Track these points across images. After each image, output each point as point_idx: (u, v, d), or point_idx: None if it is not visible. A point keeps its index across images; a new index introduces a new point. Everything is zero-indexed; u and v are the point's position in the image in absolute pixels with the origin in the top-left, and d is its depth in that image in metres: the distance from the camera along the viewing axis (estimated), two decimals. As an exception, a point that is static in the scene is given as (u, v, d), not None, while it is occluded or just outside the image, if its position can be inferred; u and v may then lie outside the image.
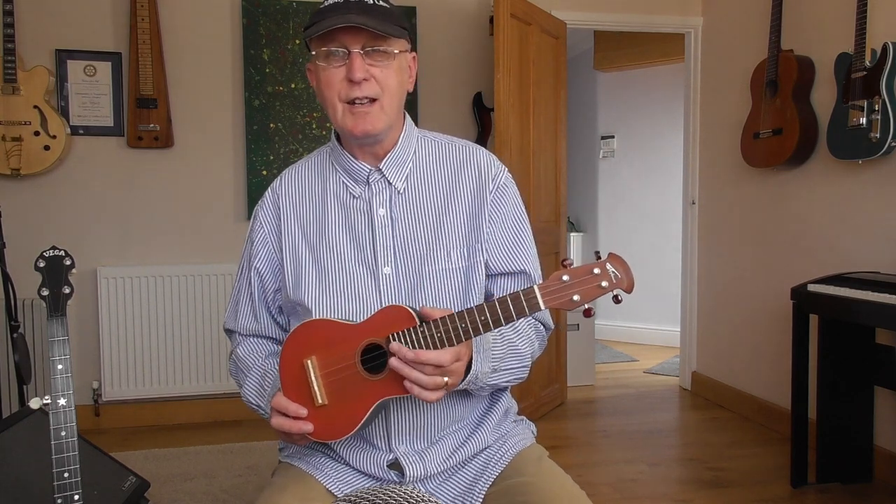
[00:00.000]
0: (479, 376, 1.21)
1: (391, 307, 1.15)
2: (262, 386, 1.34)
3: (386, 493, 1.17)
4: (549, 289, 1.06)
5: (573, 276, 1.04)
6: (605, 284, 1.03)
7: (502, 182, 1.36)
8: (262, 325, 1.42)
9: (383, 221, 1.31)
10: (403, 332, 1.11)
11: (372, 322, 1.15)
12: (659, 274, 5.52)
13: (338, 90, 1.26)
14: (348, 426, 1.17)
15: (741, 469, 3.07)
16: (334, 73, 1.25)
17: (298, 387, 1.19)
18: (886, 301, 2.38)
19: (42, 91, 3.40)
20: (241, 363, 1.41)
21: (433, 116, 3.89)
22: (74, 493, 1.43)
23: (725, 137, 3.96)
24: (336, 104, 1.27)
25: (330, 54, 1.25)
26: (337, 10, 1.23)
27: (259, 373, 1.35)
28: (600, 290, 1.04)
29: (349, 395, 1.16)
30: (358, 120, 1.26)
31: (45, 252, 1.42)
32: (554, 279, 1.05)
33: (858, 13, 2.84)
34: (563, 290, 1.04)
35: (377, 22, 1.22)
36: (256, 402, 1.34)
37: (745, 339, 3.85)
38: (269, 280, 1.39)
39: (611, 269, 1.03)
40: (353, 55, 1.23)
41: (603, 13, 4.15)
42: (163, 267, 3.65)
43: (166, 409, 3.70)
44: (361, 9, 1.23)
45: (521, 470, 1.29)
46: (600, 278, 1.03)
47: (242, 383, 1.38)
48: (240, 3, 3.72)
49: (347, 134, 1.29)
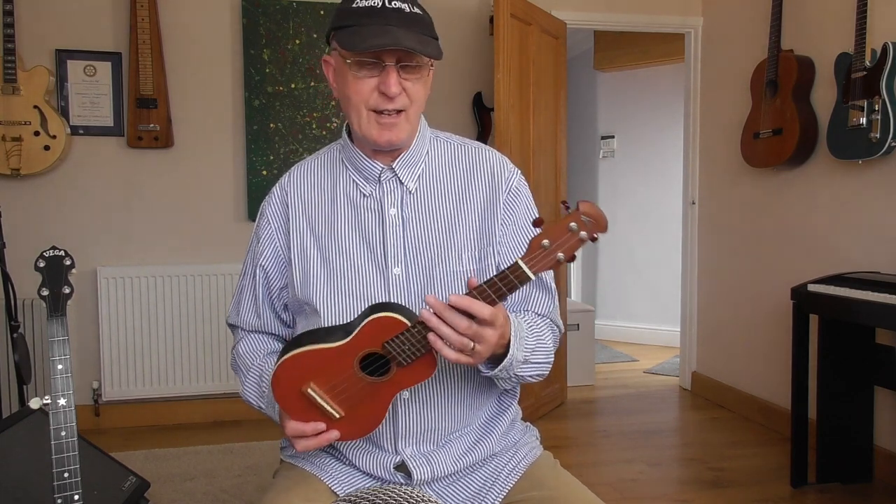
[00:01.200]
0: (513, 363, 1.20)
1: (374, 320, 1.13)
2: (260, 386, 1.33)
3: (386, 492, 1.17)
4: (532, 257, 1.06)
5: (552, 238, 1.06)
6: (584, 235, 1.05)
7: (514, 185, 1.35)
8: (263, 321, 1.41)
9: (394, 221, 1.30)
10: (399, 337, 1.11)
11: (359, 337, 1.14)
12: (659, 274, 5.52)
13: (366, 98, 1.24)
14: (373, 423, 1.19)
15: (741, 469, 3.07)
16: (366, 81, 1.23)
17: (307, 412, 1.19)
18: (886, 301, 2.38)
19: (42, 91, 3.40)
20: (241, 360, 1.40)
21: (433, 116, 3.85)
22: (74, 493, 1.43)
23: (725, 137, 3.96)
24: (362, 111, 1.25)
25: (363, 63, 1.22)
26: (374, 18, 1.19)
27: (257, 373, 1.35)
28: (580, 241, 1.05)
29: (364, 401, 1.17)
30: (384, 130, 1.25)
31: (45, 252, 1.42)
32: (535, 247, 1.06)
33: (858, 13, 2.84)
34: (546, 254, 1.06)
35: (420, 42, 1.19)
36: (257, 402, 1.34)
37: (745, 339, 3.85)
38: (274, 277, 1.37)
39: (585, 219, 1.05)
40: (389, 69, 1.21)
41: (603, 13, 4.15)
42: (163, 267, 3.65)
43: (166, 409, 3.70)
44: (401, 20, 1.19)
45: (539, 482, 1.29)
46: (577, 231, 1.05)
47: (242, 381, 1.38)
48: (240, 3, 3.72)
49: (370, 141, 1.28)
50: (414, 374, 1.15)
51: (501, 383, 1.27)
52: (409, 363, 1.13)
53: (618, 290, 5.90)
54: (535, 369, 1.27)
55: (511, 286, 1.08)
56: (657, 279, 5.52)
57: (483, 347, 1.11)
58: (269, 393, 1.28)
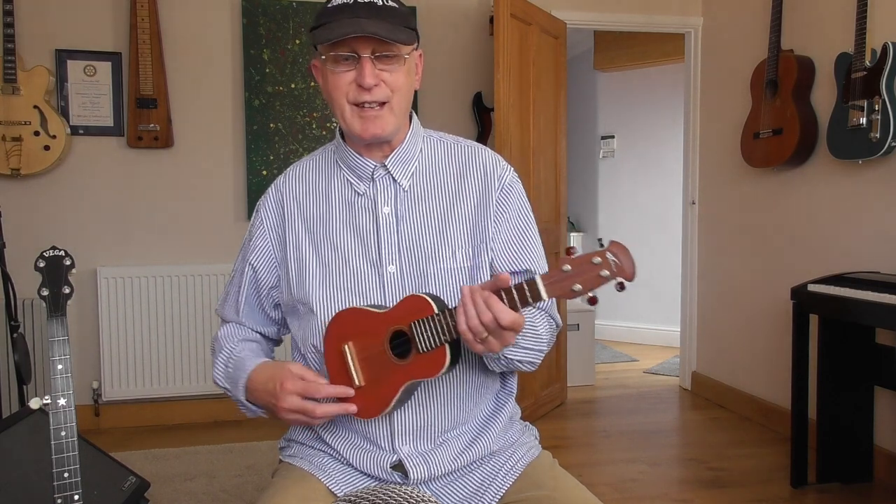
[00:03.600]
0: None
1: (413, 297, 1.20)
2: (226, 367, 1.36)
3: (386, 492, 1.17)
4: (551, 279, 1.06)
5: (574, 265, 1.04)
6: (606, 273, 1.03)
7: (507, 182, 1.35)
8: (246, 316, 1.44)
9: (388, 219, 1.31)
10: (424, 320, 1.16)
11: (397, 310, 1.20)
12: (659, 274, 5.52)
13: (346, 92, 1.25)
14: (381, 406, 1.23)
15: (741, 469, 3.07)
16: (343, 76, 1.25)
17: (339, 371, 1.25)
18: (886, 301, 2.38)
19: (42, 91, 3.40)
20: (216, 343, 1.43)
21: (433, 116, 3.89)
22: (74, 493, 1.43)
23: (725, 137, 3.96)
24: (344, 106, 1.26)
25: (339, 58, 1.24)
26: (345, 12, 1.22)
27: (226, 354, 1.37)
28: (600, 279, 1.04)
29: (381, 378, 1.22)
30: (367, 123, 1.26)
31: (45, 252, 1.42)
32: (556, 269, 1.06)
33: (858, 13, 2.84)
34: (564, 279, 1.05)
35: (388, 29, 1.21)
36: (223, 384, 1.36)
37: (745, 339, 3.85)
38: (262, 275, 1.39)
39: (611, 257, 1.03)
40: (364, 60, 1.22)
41: (603, 13, 4.15)
42: (163, 267, 3.65)
43: (166, 409, 3.70)
44: (371, 11, 1.21)
45: (538, 482, 1.29)
46: (601, 267, 1.03)
47: (214, 363, 1.40)
48: (240, 3, 3.72)
49: (355, 136, 1.29)
50: (426, 366, 1.18)
51: (491, 363, 1.28)
52: (426, 351, 1.17)
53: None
54: (523, 354, 1.26)
55: (524, 300, 1.08)
56: (657, 279, 5.52)
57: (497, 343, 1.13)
58: (234, 373, 1.32)
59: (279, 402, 1.23)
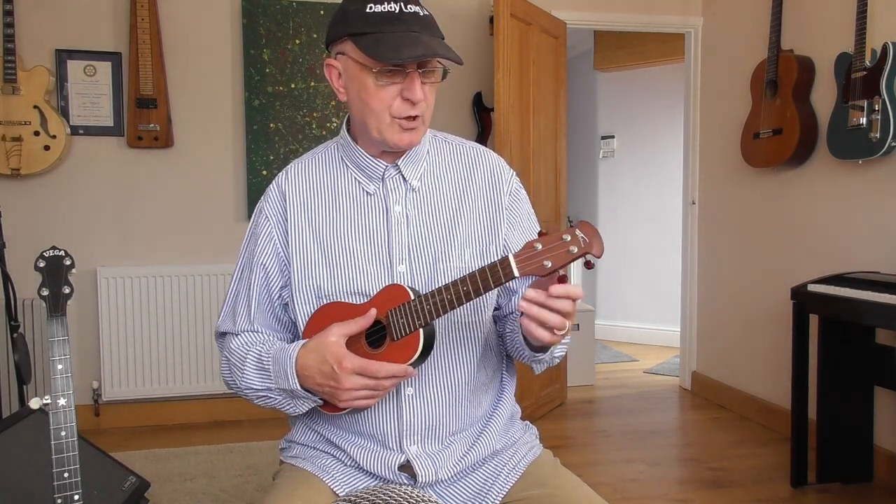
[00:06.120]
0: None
1: (390, 286, 1.23)
2: (261, 363, 1.26)
3: (386, 492, 1.17)
4: (522, 256, 1.11)
5: (545, 243, 1.10)
6: (575, 250, 1.08)
7: (515, 187, 1.39)
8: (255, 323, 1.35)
9: (399, 218, 1.31)
10: (401, 306, 1.18)
11: (374, 301, 1.23)
12: (659, 274, 5.52)
13: (389, 105, 1.24)
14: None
15: (741, 469, 3.07)
16: (388, 89, 1.23)
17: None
18: (886, 301, 2.38)
19: (42, 91, 3.40)
20: (235, 356, 1.31)
21: (433, 116, 3.88)
22: (74, 493, 1.43)
23: (725, 137, 3.96)
24: (384, 118, 1.24)
25: (385, 72, 1.21)
26: (396, 25, 1.19)
27: (255, 355, 1.28)
28: (570, 255, 1.08)
29: None
30: (405, 135, 1.26)
31: (45, 252, 1.42)
32: (527, 247, 1.10)
33: (858, 13, 2.84)
34: (535, 256, 1.10)
35: (446, 48, 1.22)
36: (264, 384, 1.26)
37: (745, 339, 3.85)
38: (274, 275, 1.33)
39: (580, 234, 1.08)
40: (413, 75, 1.22)
41: (603, 13, 4.15)
42: (163, 267, 3.65)
43: (166, 409, 3.69)
44: (422, 24, 1.21)
45: (540, 481, 1.29)
46: (570, 244, 1.08)
47: (241, 374, 1.28)
48: (240, 3, 3.72)
49: (389, 145, 1.27)
50: (398, 353, 1.19)
51: (537, 366, 1.33)
52: (399, 338, 1.19)
53: (618, 290, 5.90)
54: (563, 349, 1.35)
55: (496, 279, 1.12)
56: (657, 279, 5.52)
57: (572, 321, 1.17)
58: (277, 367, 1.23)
59: (340, 384, 1.18)
